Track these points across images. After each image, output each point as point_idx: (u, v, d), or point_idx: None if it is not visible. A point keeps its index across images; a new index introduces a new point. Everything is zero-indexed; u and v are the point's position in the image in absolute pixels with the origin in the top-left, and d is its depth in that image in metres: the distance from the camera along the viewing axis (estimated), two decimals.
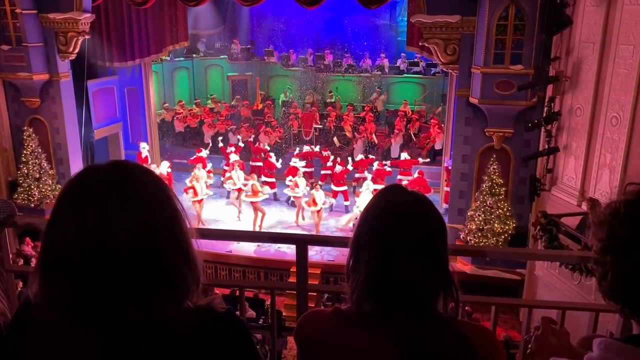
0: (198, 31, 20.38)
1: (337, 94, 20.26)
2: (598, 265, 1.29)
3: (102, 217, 1.08)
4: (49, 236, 1.13)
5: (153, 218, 1.13)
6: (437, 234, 1.40)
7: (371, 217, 1.42)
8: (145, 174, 1.19)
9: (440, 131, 16.50)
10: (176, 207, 1.19)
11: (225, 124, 18.53)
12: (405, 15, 17.98)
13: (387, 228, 1.36)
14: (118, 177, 1.15)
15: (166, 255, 1.13)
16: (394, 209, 1.39)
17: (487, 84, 10.80)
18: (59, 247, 1.11)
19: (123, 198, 1.11)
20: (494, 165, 11.14)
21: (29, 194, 13.77)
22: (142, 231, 1.10)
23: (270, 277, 12.83)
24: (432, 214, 1.42)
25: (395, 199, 1.43)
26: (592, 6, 9.41)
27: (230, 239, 11.52)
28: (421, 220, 1.39)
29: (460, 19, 11.12)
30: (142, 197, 1.14)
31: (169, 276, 1.13)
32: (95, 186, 1.13)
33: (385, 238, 1.36)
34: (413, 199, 1.43)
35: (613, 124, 9.15)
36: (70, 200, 1.13)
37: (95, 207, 1.09)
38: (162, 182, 1.21)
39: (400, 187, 1.48)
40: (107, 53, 15.40)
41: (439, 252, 1.40)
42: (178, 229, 1.17)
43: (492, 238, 11.08)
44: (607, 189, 9.34)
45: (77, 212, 1.10)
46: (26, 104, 13.97)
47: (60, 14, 13.08)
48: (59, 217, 1.13)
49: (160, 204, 1.16)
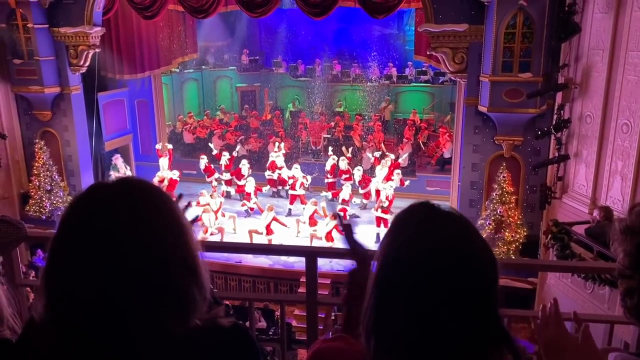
0: (207, 43, 20.55)
1: (345, 103, 20.30)
2: (624, 278, 1.21)
3: (111, 237, 1.07)
4: (54, 254, 1.11)
5: (163, 237, 1.11)
6: (489, 275, 1.15)
7: (404, 259, 1.14)
8: (153, 191, 1.18)
9: (449, 140, 16.46)
10: (184, 224, 1.18)
11: (235, 134, 18.62)
12: (412, 25, 18.02)
13: (425, 278, 1.10)
14: (127, 195, 1.13)
15: (175, 274, 1.11)
16: (435, 251, 1.12)
17: (495, 92, 10.77)
18: (64, 265, 1.09)
19: (132, 217, 1.09)
20: (504, 174, 11.08)
21: (40, 205, 13.90)
22: (152, 250, 1.09)
23: (280, 288, 12.81)
24: (481, 249, 1.16)
25: (435, 236, 1.14)
26: (600, 13, 9.38)
27: (238, 252, 11.48)
28: (470, 264, 1.12)
29: (468, 27, 11.13)
30: (152, 215, 1.12)
31: (177, 296, 1.11)
32: (103, 204, 1.11)
33: (423, 290, 1.09)
34: (457, 232, 1.16)
35: (624, 131, 9.09)
36: (78, 218, 1.12)
37: (104, 226, 1.08)
38: (170, 200, 1.19)
39: (436, 216, 1.19)
40: (117, 65, 15.56)
41: (492, 298, 1.15)
42: (187, 248, 1.15)
43: (503, 247, 11.00)
44: (619, 197, 9.26)
45: (85, 231, 1.08)
46: (37, 116, 14.14)
47: (71, 28, 13.27)
48: (65, 235, 1.11)
49: (170, 222, 1.14)
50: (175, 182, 15.26)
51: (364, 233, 14.23)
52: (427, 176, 16.69)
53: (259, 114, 20.44)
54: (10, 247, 2.31)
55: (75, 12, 13.22)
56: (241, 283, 13.04)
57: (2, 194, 14.02)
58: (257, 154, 18.03)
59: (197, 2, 13.46)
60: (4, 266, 2.34)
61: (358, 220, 15.11)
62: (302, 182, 15.26)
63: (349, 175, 15.50)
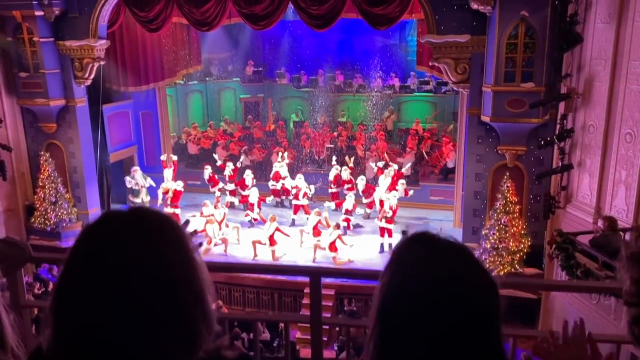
0: (211, 55, 20.68)
1: (348, 113, 20.35)
2: (631, 306, 1.20)
3: (122, 270, 1.06)
4: (63, 283, 1.11)
5: (175, 273, 1.10)
6: (491, 305, 1.17)
7: (406, 291, 1.15)
8: (167, 225, 1.16)
9: (452, 149, 16.47)
10: (195, 258, 1.16)
11: (238, 145, 18.68)
12: (414, 35, 18.07)
13: (427, 310, 1.12)
14: (140, 229, 1.12)
15: (185, 310, 1.10)
16: (436, 283, 1.13)
17: (498, 102, 10.80)
18: (72, 296, 1.08)
19: (145, 251, 1.09)
20: (507, 183, 11.08)
21: (46, 217, 13.97)
22: (163, 286, 1.08)
23: (285, 299, 12.78)
24: (482, 280, 1.17)
25: (436, 269, 1.15)
26: (602, 23, 9.42)
27: (243, 272, 11.51)
28: (471, 296, 1.14)
29: (470, 38, 11.18)
30: (165, 251, 1.11)
31: (185, 331, 1.10)
32: (116, 237, 1.10)
33: (424, 321, 1.12)
34: (458, 264, 1.17)
35: (627, 140, 9.09)
36: (89, 250, 1.11)
37: (115, 259, 1.07)
38: (183, 233, 1.18)
39: (437, 248, 1.19)
40: (122, 78, 15.68)
41: (494, 327, 1.17)
42: (197, 283, 1.14)
43: (507, 256, 10.98)
44: (623, 206, 9.24)
45: (95, 263, 1.08)
46: (43, 129, 14.24)
47: (76, 41, 13.39)
48: (75, 265, 1.11)
49: (182, 258, 1.13)
50: (179, 193, 15.30)
51: (367, 243, 14.23)
52: (431, 185, 16.68)
53: (263, 124, 20.51)
54: (15, 269, 2.31)
55: (81, 26, 13.35)
56: (245, 294, 13.03)
57: (8, 206, 14.09)
58: (260, 164, 18.08)
59: (200, 15, 13.57)
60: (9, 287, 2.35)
61: (362, 230, 15.12)
62: (306, 192, 15.27)
63: (352, 185, 15.52)
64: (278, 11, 13.07)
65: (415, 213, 15.98)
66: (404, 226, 13.94)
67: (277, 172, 16.40)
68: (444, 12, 11.30)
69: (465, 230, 12.30)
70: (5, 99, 13.83)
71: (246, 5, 13.04)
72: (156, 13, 13.64)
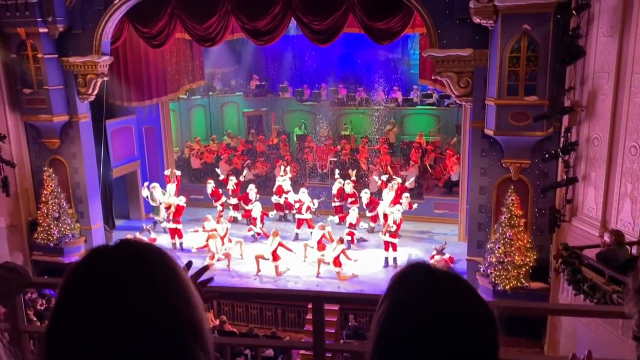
0: (214, 69, 20.78)
1: (351, 127, 20.38)
2: (639, 341, 1.18)
3: (118, 307, 1.02)
4: (55, 324, 1.06)
5: (171, 305, 1.07)
6: (488, 337, 1.15)
7: (402, 323, 1.14)
8: (158, 256, 1.13)
9: (456, 162, 16.44)
10: (192, 290, 1.13)
11: (241, 159, 18.69)
12: (417, 49, 18.13)
13: (424, 342, 1.10)
14: (133, 267, 1.08)
15: (185, 346, 1.07)
16: (431, 316, 1.11)
17: (501, 115, 10.77)
18: (64, 337, 1.04)
19: (140, 286, 1.05)
20: (512, 197, 11.01)
21: (49, 233, 13.96)
22: (161, 319, 1.05)
23: (288, 314, 12.69)
24: (479, 312, 1.15)
25: (429, 302, 1.13)
26: (604, 36, 9.41)
27: (245, 298, 11.47)
28: (467, 328, 1.12)
29: (473, 52, 11.18)
30: (160, 283, 1.08)
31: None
32: (109, 272, 1.06)
33: (422, 354, 1.10)
34: (453, 296, 1.15)
35: (632, 153, 9.04)
36: (78, 291, 1.06)
37: (110, 295, 1.03)
38: (175, 264, 1.14)
39: (432, 280, 1.17)
40: (125, 93, 15.73)
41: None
42: (195, 315, 1.11)
43: (513, 271, 10.88)
44: (629, 220, 9.17)
45: (89, 300, 1.03)
46: (46, 144, 14.28)
47: (80, 57, 13.47)
48: (64, 305, 1.06)
49: (177, 289, 1.10)
50: (182, 209, 15.27)
51: (372, 257, 14.15)
52: (435, 199, 16.63)
53: (266, 138, 20.55)
54: (14, 295, 2.27)
55: (84, 42, 13.44)
56: (248, 310, 12.94)
57: (11, 222, 14.08)
58: (263, 178, 18.06)
59: (204, 31, 13.65)
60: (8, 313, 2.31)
61: (366, 244, 15.05)
62: (309, 206, 15.24)
63: (355, 199, 15.48)
64: (280, 27, 13.13)
65: (419, 227, 15.91)
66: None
67: (280, 186, 16.38)
68: (445, 26, 11.32)
69: (470, 244, 12.21)
70: (9, 115, 13.89)
71: (249, 21, 13.12)
72: (159, 29, 13.74)
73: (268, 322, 12.84)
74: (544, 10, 10.08)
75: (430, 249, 14.01)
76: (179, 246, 15.08)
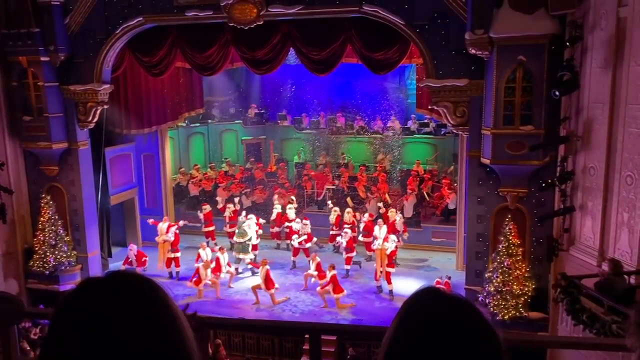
0: (213, 97, 20.97)
1: (349, 155, 20.47)
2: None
3: (108, 338, 1.02)
4: (47, 357, 1.06)
5: (161, 335, 1.07)
6: None
7: (408, 345, 1.15)
8: (148, 287, 1.13)
9: (452, 190, 16.47)
10: (182, 320, 1.13)
11: (240, 186, 18.70)
12: (414, 79, 18.35)
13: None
14: (122, 293, 1.08)
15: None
16: (440, 341, 1.12)
17: (498, 144, 10.83)
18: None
19: (129, 317, 1.05)
20: (509, 225, 11.01)
21: (45, 261, 13.84)
22: (150, 349, 1.04)
23: (285, 344, 12.52)
24: (488, 337, 1.16)
25: (437, 326, 1.14)
26: (598, 68, 9.55)
27: (241, 330, 11.43)
28: (476, 352, 1.13)
29: (469, 82, 11.32)
30: (149, 314, 1.08)
31: None
32: (99, 303, 1.06)
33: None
34: (461, 321, 1.16)
35: (628, 182, 9.08)
36: (71, 318, 1.06)
37: (100, 326, 1.03)
38: (165, 295, 1.14)
39: (439, 303, 1.19)
40: (125, 121, 15.83)
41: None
42: (185, 345, 1.11)
43: (511, 300, 10.80)
44: (627, 249, 9.15)
45: (79, 331, 1.03)
46: (45, 171, 14.28)
47: (80, 85, 13.59)
48: (58, 335, 1.06)
49: (167, 320, 1.10)
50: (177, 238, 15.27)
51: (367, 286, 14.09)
52: (433, 227, 16.62)
53: (265, 165, 20.61)
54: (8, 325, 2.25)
55: (85, 70, 13.58)
56: (245, 339, 12.76)
57: (7, 249, 13.98)
58: (262, 206, 18.03)
59: (203, 60, 13.82)
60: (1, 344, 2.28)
61: (363, 271, 14.98)
62: (309, 232, 15.26)
63: (353, 227, 15.44)
64: (280, 56, 13.32)
65: (417, 255, 15.85)
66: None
67: (280, 214, 16.38)
68: (442, 57, 11.49)
69: (468, 272, 12.15)
70: (8, 141, 13.93)
71: (248, 50, 13.30)
72: (160, 58, 13.90)
73: (265, 352, 12.66)
74: (538, 42, 10.25)
75: (428, 276, 13.97)
76: (174, 275, 15.04)
